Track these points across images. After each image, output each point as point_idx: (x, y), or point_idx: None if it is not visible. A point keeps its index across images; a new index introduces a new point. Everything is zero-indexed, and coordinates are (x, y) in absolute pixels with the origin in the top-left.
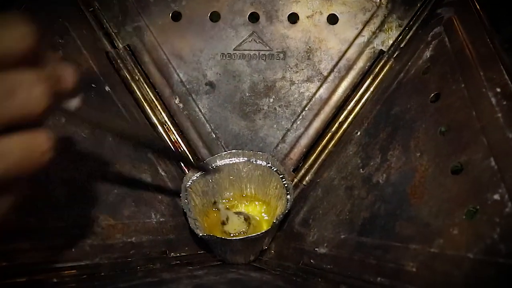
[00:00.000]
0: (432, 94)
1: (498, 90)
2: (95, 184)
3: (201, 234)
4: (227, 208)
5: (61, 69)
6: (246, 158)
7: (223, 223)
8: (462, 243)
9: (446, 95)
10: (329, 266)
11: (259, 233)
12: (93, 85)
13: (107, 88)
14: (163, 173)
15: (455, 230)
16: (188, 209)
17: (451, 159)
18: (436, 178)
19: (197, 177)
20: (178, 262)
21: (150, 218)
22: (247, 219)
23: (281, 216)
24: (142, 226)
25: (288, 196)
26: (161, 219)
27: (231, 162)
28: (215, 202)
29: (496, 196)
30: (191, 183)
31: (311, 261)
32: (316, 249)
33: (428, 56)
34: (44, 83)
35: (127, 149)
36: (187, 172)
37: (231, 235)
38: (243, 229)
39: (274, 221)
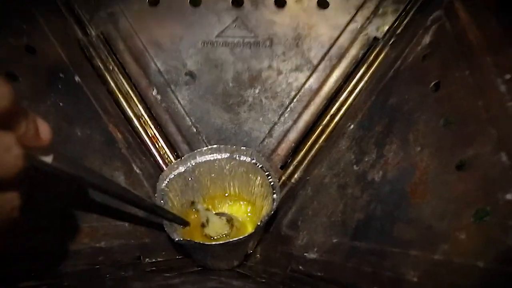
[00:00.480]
0: (433, 83)
1: (508, 76)
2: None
3: (177, 239)
4: (207, 209)
5: (36, 127)
6: (229, 154)
7: (203, 225)
8: (470, 249)
9: (448, 84)
10: (319, 274)
11: (241, 237)
12: (60, 75)
13: (77, 79)
14: (138, 171)
15: (462, 234)
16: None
17: (456, 154)
18: (439, 175)
19: (174, 175)
20: (154, 268)
21: (122, 220)
22: (230, 220)
23: (266, 218)
24: (113, 229)
25: (275, 196)
26: (135, 222)
27: (212, 158)
28: (193, 203)
29: (509, 196)
30: (168, 182)
31: (300, 267)
32: (306, 254)
33: (428, 42)
34: (19, 145)
35: (98, 144)
36: (165, 168)
37: (212, 238)
38: (225, 232)
39: (258, 223)
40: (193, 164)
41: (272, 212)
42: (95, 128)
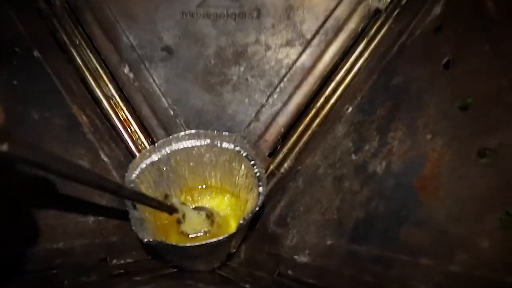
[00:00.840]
0: (445, 59)
1: None
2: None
3: (146, 240)
4: (183, 203)
5: None
6: (209, 140)
7: (179, 222)
8: (495, 260)
9: (464, 60)
10: (311, 280)
11: (221, 237)
12: (16, 49)
13: (36, 54)
14: (105, 159)
15: (484, 242)
16: (132, 206)
17: (476, 143)
18: (456, 168)
19: (147, 164)
20: (122, 271)
21: (85, 216)
22: (210, 216)
23: (250, 215)
24: (74, 227)
25: (261, 189)
26: (100, 218)
27: (191, 145)
28: (167, 196)
29: None
30: (139, 172)
31: (289, 271)
32: (296, 256)
33: (438, 12)
34: None
35: (59, 129)
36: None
37: (190, 236)
38: (205, 229)
39: (241, 221)
40: (169, 151)
41: (258, 208)
42: (55, 110)
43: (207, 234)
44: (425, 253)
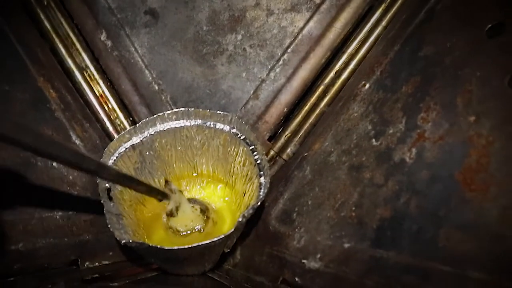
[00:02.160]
0: (490, 25)
1: None
2: None
3: (124, 241)
4: (181, 191)
5: None
6: (200, 121)
7: (171, 214)
8: None
9: None
10: None
11: (215, 238)
12: None
13: None
14: (77, 141)
15: None
16: (108, 199)
17: None
18: (510, 157)
19: (126, 148)
20: (96, 276)
21: (52, 210)
22: (205, 211)
23: (250, 211)
24: (38, 223)
25: (262, 179)
26: (70, 212)
27: (178, 125)
28: (167, 182)
29: None
30: (117, 157)
31: (296, 279)
32: (304, 261)
33: None
34: None
35: (21, 105)
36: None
37: (182, 234)
38: (198, 226)
39: (240, 219)
40: (153, 133)
41: (259, 203)
42: (18, 83)
43: (201, 232)
44: (475, 264)
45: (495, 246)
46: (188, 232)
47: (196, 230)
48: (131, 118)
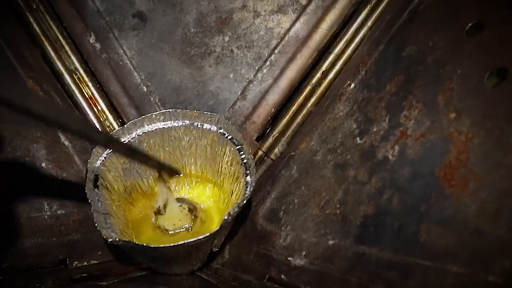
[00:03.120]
0: (470, 24)
1: None
2: None
3: (110, 240)
4: (170, 190)
5: None
6: (188, 121)
7: (159, 212)
8: None
9: (495, 24)
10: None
11: (201, 236)
12: None
13: None
14: (66, 142)
15: None
16: (97, 199)
17: None
18: (490, 153)
19: None
20: (84, 275)
21: (40, 210)
22: (193, 210)
23: (236, 209)
24: (26, 223)
25: (249, 178)
26: (59, 212)
27: (166, 126)
28: (160, 174)
29: None
30: (105, 157)
31: (282, 276)
32: (290, 258)
33: None
34: None
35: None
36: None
37: (170, 232)
38: (186, 225)
39: (225, 217)
40: (141, 133)
41: (245, 201)
42: (6, 85)
43: (189, 231)
44: (454, 259)
45: (473, 240)
46: (177, 231)
47: (184, 229)
48: (120, 120)
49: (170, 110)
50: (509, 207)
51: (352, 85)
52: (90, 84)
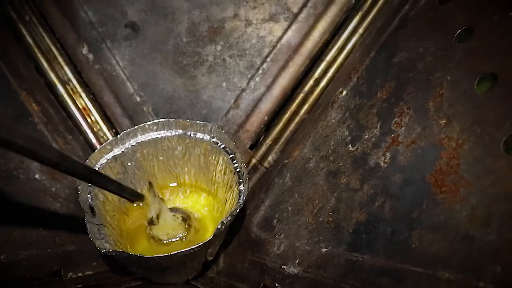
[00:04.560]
0: (460, 30)
1: None
2: None
3: (104, 250)
4: (162, 199)
5: None
6: (181, 131)
7: (152, 223)
8: None
9: (484, 30)
10: None
11: (195, 246)
12: None
13: None
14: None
15: None
16: (90, 209)
17: (502, 129)
18: (480, 158)
19: (108, 159)
20: (79, 286)
21: (34, 221)
22: (186, 219)
23: (229, 218)
24: (19, 235)
25: (241, 187)
26: (53, 223)
27: (159, 136)
28: (151, 184)
29: None
30: (99, 168)
31: (276, 284)
32: (284, 266)
33: None
34: None
35: (3, 118)
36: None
37: (164, 242)
38: (180, 234)
39: (219, 226)
40: (134, 144)
41: (238, 210)
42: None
43: (183, 240)
44: (445, 265)
45: (464, 246)
46: (171, 240)
47: (178, 238)
48: (114, 130)
49: (163, 119)
50: (499, 213)
51: (344, 92)
52: (83, 95)
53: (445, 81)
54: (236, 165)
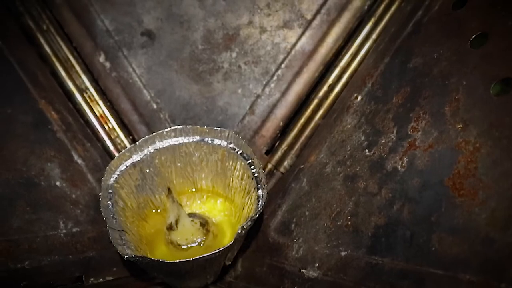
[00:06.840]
0: (474, 36)
1: None
2: None
3: (127, 256)
4: (180, 205)
5: None
6: (198, 137)
7: (171, 228)
8: None
9: (499, 35)
10: None
11: (216, 251)
12: None
13: None
14: (79, 161)
15: None
16: (111, 216)
17: None
18: (498, 162)
19: (127, 166)
20: None
21: (56, 228)
22: (204, 224)
23: (249, 223)
24: (42, 242)
25: (260, 192)
26: (74, 229)
27: (177, 142)
28: (169, 190)
29: None
30: (118, 175)
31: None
32: (303, 270)
33: None
34: None
35: (23, 127)
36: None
37: (183, 247)
38: (199, 239)
39: (239, 231)
40: (152, 150)
41: (258, 215)
42: (19, 105)
43: (201, 245)
44: (466, 267)
45: (484, 248)
46: (189, 245)
47: (197, 243)
48: (131, 137)
49: (181, 126)
50: None
51: (359, 98)
52: (100, 103)
53: (461, 86)
54: (253, 170)
